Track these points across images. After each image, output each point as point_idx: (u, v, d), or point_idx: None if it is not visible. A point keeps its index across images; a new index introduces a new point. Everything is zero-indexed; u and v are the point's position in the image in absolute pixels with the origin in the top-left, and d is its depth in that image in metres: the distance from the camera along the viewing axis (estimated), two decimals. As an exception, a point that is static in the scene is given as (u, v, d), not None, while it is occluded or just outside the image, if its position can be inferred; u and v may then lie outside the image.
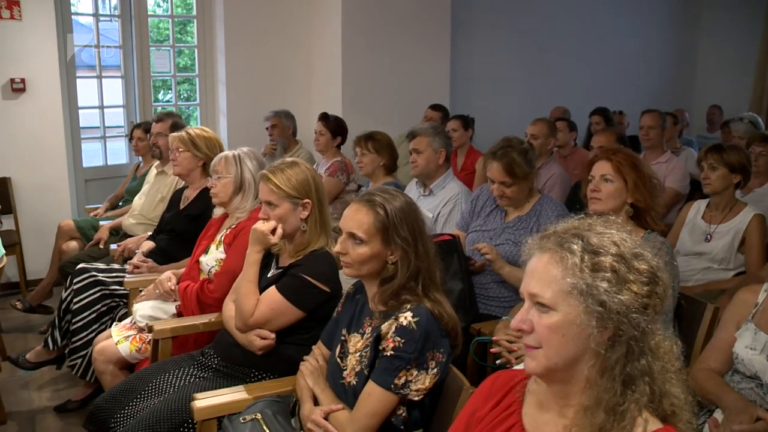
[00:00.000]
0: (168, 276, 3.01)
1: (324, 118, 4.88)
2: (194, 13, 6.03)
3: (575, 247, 1.27)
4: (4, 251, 3.28)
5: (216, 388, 2.32)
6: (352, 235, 1.97)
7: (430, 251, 2.00)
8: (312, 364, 2.15)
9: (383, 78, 5.90)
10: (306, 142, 5.41)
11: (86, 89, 5.79)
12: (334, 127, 4.84)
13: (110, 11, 6.40)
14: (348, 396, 1.97)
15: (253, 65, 5.88)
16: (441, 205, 3.51)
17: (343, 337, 2.06)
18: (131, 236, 3.98)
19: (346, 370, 2.00)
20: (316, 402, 2.04)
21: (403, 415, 1.90)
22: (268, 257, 2.52)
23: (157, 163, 4.32)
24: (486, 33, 6.86)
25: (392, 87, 5.93)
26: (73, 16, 5.57)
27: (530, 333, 1.30)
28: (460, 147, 5.14)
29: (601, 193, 2.63)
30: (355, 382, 1.95)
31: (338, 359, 2.04)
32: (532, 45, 7.14)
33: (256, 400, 2.15)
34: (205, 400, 2.18)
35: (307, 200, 2.39)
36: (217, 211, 3.06)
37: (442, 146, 3.60)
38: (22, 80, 5.01)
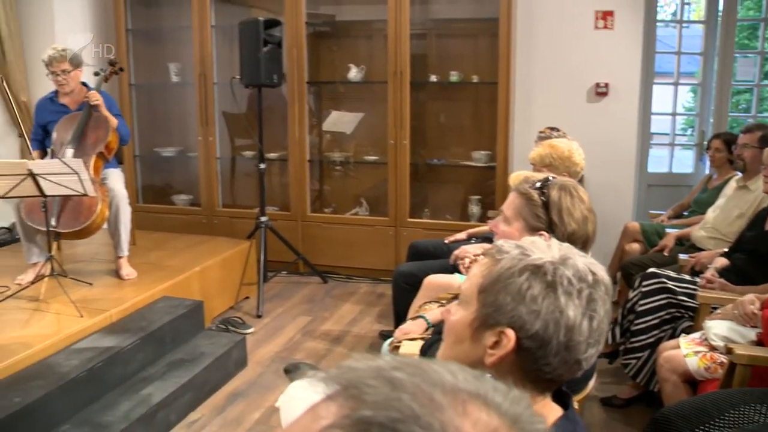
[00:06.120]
0: (751, 299, 2.82)
1: None
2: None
3: None
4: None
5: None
6: None
7: None
8: None
9: None
10: None
11: (660, 95, 5.84)
12: None
13: (689, 17, 6.31)
14: None
15: None
16: None
17: None
18: (700, 249, 3.87)
19: None
20: None
21: None
22: None
23: (738, 176, 4.11)
24: None
25: None
26: (657, 24, 5.66)
27: None
28: None
29: None
30: None
31: None
32: None
33: None
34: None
35: None
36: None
37: None
38: (606, 85, 5.30)
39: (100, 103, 4.17)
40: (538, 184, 1.95)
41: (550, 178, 1.98)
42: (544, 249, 1.13)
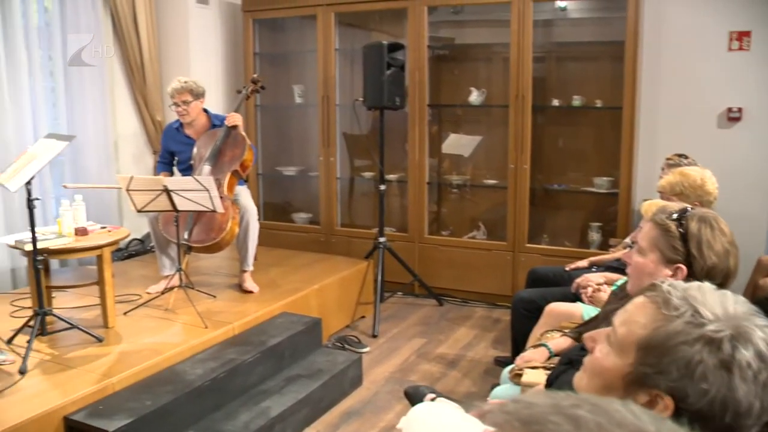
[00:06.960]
0: None
1: None
2: None
3: None
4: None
5: None
6: None
7: None
8: None
9: None
10: None
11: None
12: None
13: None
14: None
15: None
16: None
17: None
18: None
19: None
20: None
21: None
22: None
23: None
24: None
25: None
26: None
27: None
28: None
29: None
30: None
31: None
32: None
33: None
34: None
35: None
36: None
37: None
38: (739, 109, 5.04)
39: (239, 124, 4.38)
40: (676, 215, 1.87)
41: (689, 208, 1.90)
42: (716, 306, 1.02)
